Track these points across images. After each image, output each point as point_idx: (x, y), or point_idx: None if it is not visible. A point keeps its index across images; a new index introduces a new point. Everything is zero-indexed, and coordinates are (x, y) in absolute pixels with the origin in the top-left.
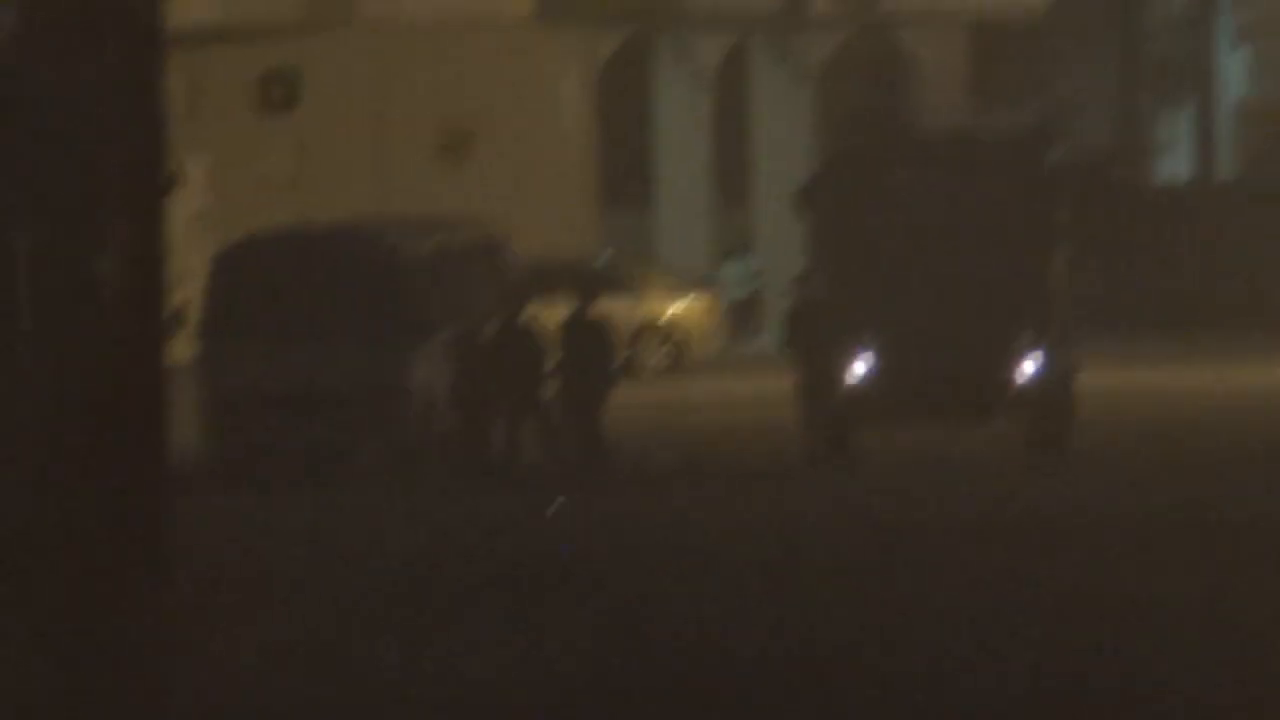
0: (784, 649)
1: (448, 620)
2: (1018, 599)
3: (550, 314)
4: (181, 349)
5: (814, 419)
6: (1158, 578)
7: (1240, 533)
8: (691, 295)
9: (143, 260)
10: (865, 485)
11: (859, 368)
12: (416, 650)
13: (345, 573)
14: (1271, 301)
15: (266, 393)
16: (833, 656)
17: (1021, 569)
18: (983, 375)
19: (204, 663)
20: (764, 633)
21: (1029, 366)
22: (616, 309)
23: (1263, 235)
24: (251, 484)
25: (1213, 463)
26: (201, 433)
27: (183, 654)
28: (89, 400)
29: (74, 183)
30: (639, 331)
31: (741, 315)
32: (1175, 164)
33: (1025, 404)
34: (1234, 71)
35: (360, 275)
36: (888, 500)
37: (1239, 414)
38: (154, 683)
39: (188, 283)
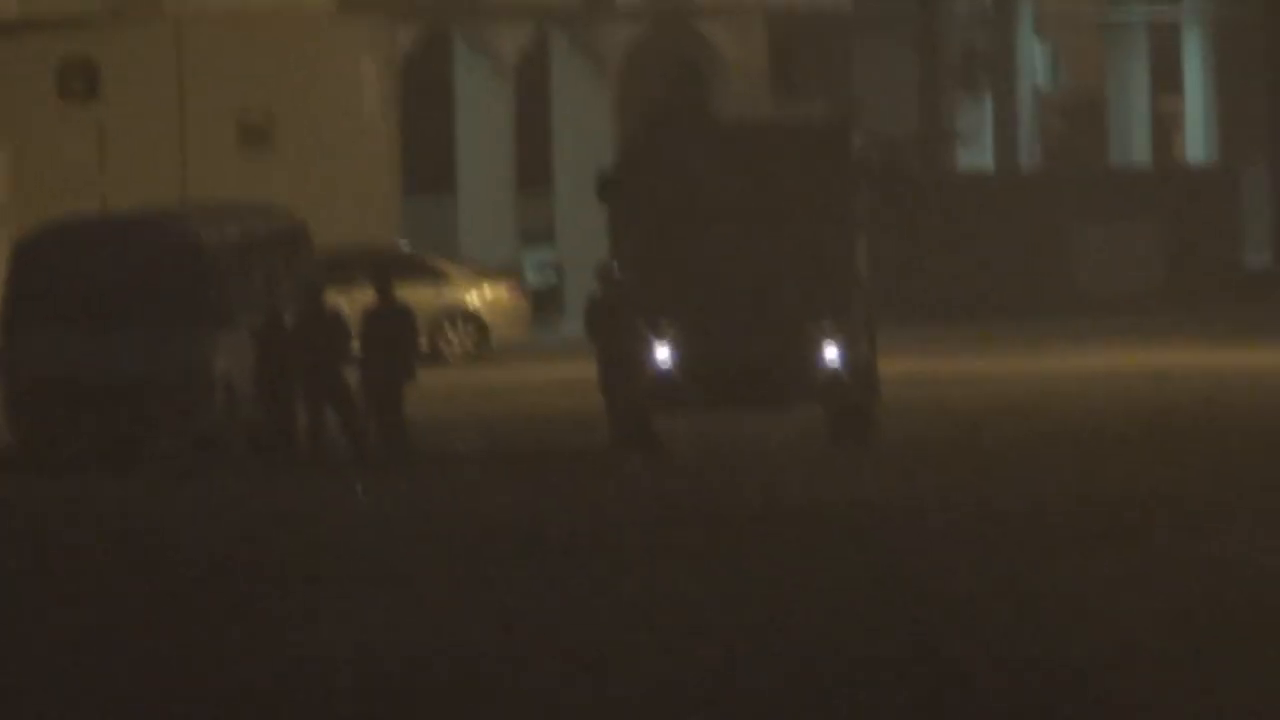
0: (572, 629)
1: (235, 612)
2: (811, 581)
3: (352, 300)
4: None
5: (617, 405)
6: (946, 561)
7: (1029, 518)
8: (494, 283)
9: None
10: (665, 471)
11: (660, 355)
12: (211, 636)
13: (129, 559)
14: (1071, 286)
15: (67, 381)
16: (614, 642)
17: (818, 552)
18: (783, 362)
19: None
20: (556, 615)
21: (829, 353)
22: (420, 296)
23: (1061, 221)
24: (50, 472)
25: (1009, 448)
26: (5, 419)
27: None
28: None
29: None
30: (442, 318)
31: (545, 303)
32: (979, 154)
33: (826, 390)
34: (1034, 63)
35: (161, 263)
36: (682, 484)
37: (1042, 399)
38: None
39: None
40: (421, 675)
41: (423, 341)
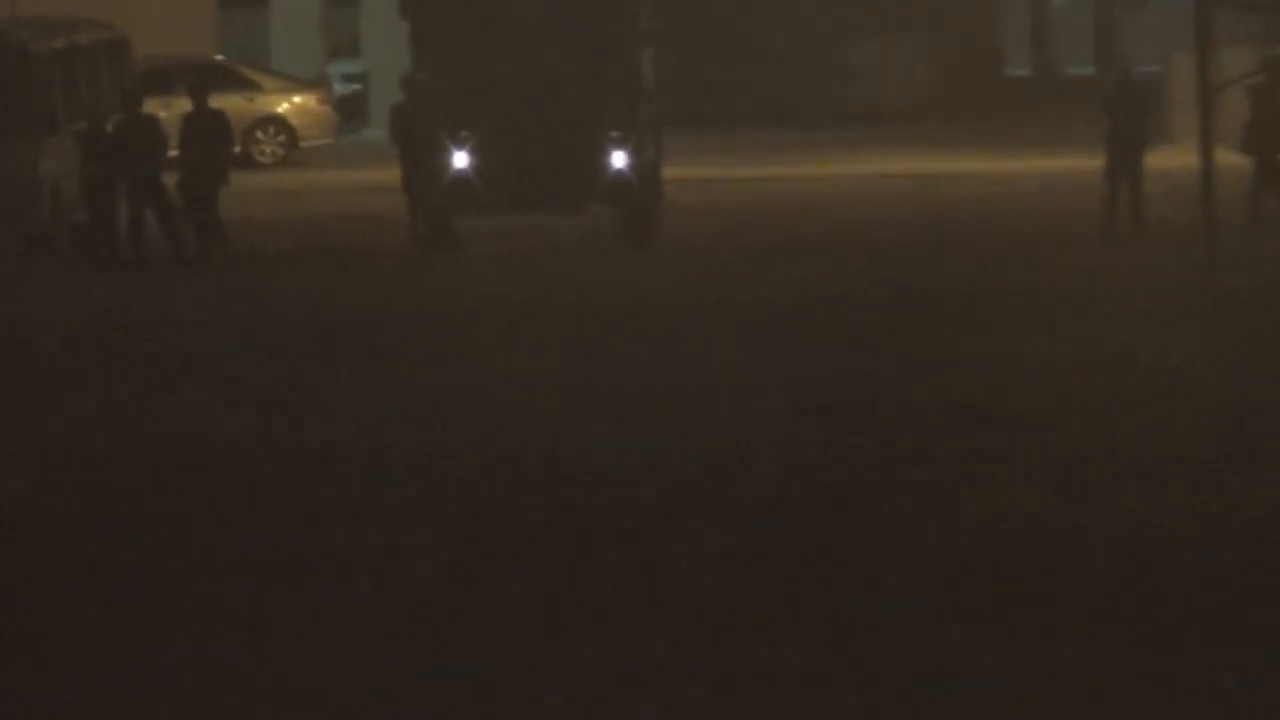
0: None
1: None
2: (592, 378)
3: (170, 109)
4: None
5: (418, 208)
6: (717, 355)
7: (796, 311)
8: (303, 92)
9: None
10: (461, 270)
11: (458, 160)
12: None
13: None
14: (848, 97)
15: None
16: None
17: (595, 349)
18: (573, 167)
19: None
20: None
21: (617, 159)
22: (233, 104)
23: (834, 35)
24: None
25: (778, 249)
26: None
27: None
28: None
29: None
30: (254, 125)
31: (349, 111)
32: None
33: (614, 193)
34: None
35: None
36: (470, 282)
37: (815, 201)
38: None
39: None
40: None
41: (236, 147)
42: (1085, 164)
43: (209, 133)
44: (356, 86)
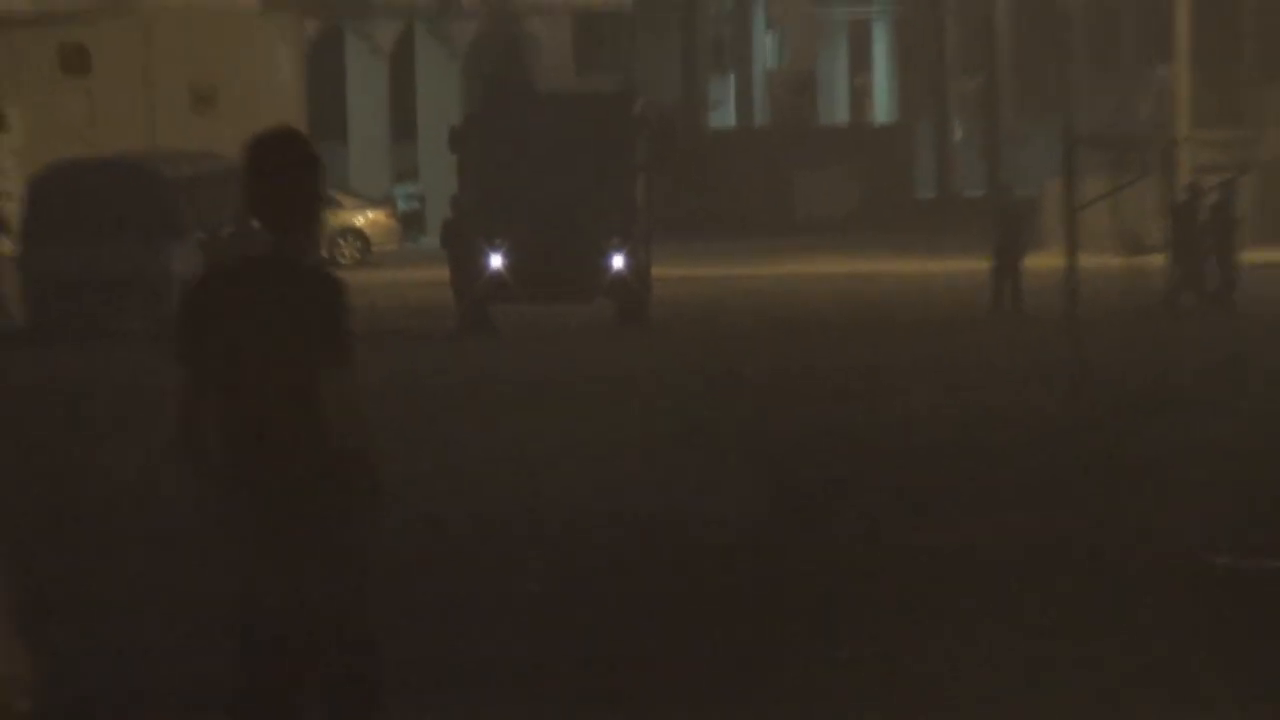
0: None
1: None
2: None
3: None
4: (6, 247)
5: (462, 299)
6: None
7: (750, 378)
8: (374, 208)
9: None
10: (496, 346)
11: (493, 261)
12: None
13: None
14: (795, 213)
15: (69, 278)
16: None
17: (603, 405)
18: (582, 268)
19: None
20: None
21: (616, 261)
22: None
23: (784, 165)
24: (52, 345)
25: (744, 331)
26: (25, 307)
27: None
28: None
29: None
30: (337, 234)
31: (410, 223)
32: (725, 116)
33: (614, 289)
34: (765, 48)
35: (137, 191)
36: (505, 356)
37: (773, 294)
38: None
39: (10, 198)
40: None
41: (322, 252)
42: (977, 266)
43: None
44: (416, 204)
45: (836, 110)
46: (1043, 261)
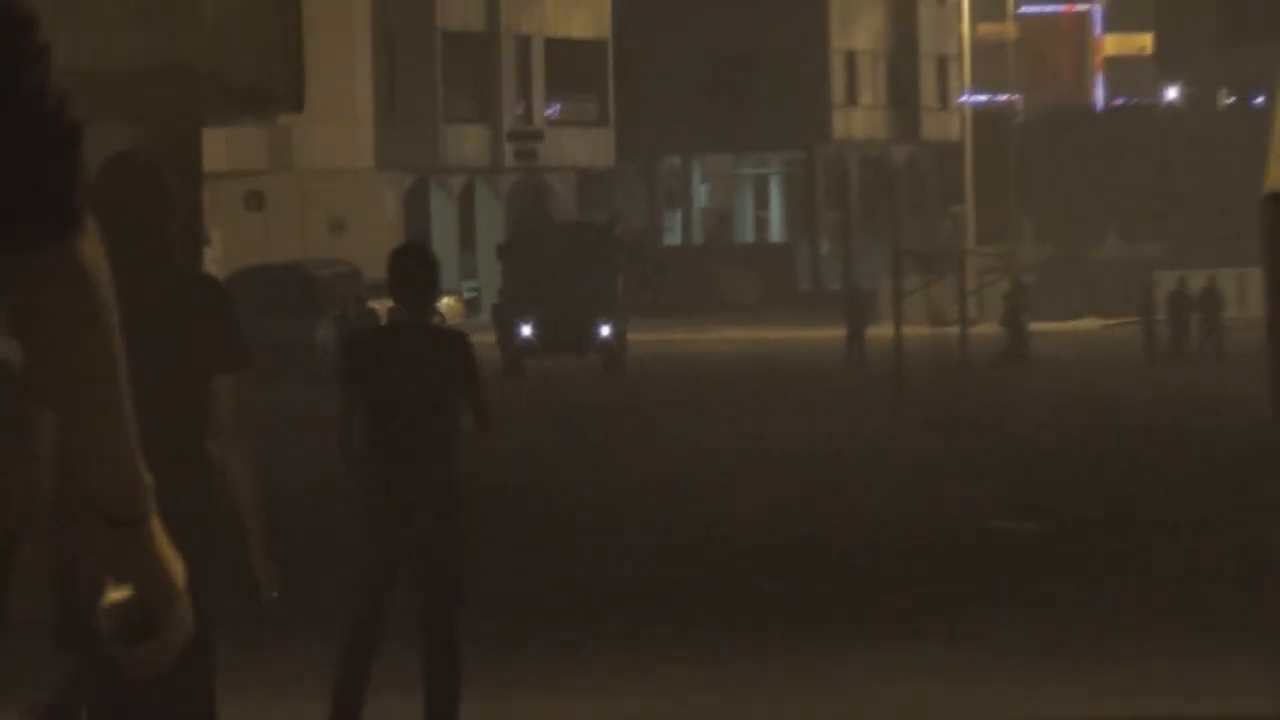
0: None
1: None
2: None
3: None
4: None
5: (505, 355)
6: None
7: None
8: (449, 296)
9: None
10: (529, 387)
11: (524, 330)
12: None
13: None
14: (720, 300)
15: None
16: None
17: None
18: (582, 335)
19: None
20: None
21: (604, 330)
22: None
23: (714, 270)
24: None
25: (690, 374)
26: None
27: None
28: None
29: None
30: None
31: (471, 306)
32: (675, 237)
33: (602, 348)
34: (700, 194)
35: (294, 285)
36: (531, 393)
37: (705, 354)
38: None
39: None
40: None
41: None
42: (836, 334)
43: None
44: (475, 294)
45: (746, 233)
46: (879, 331)
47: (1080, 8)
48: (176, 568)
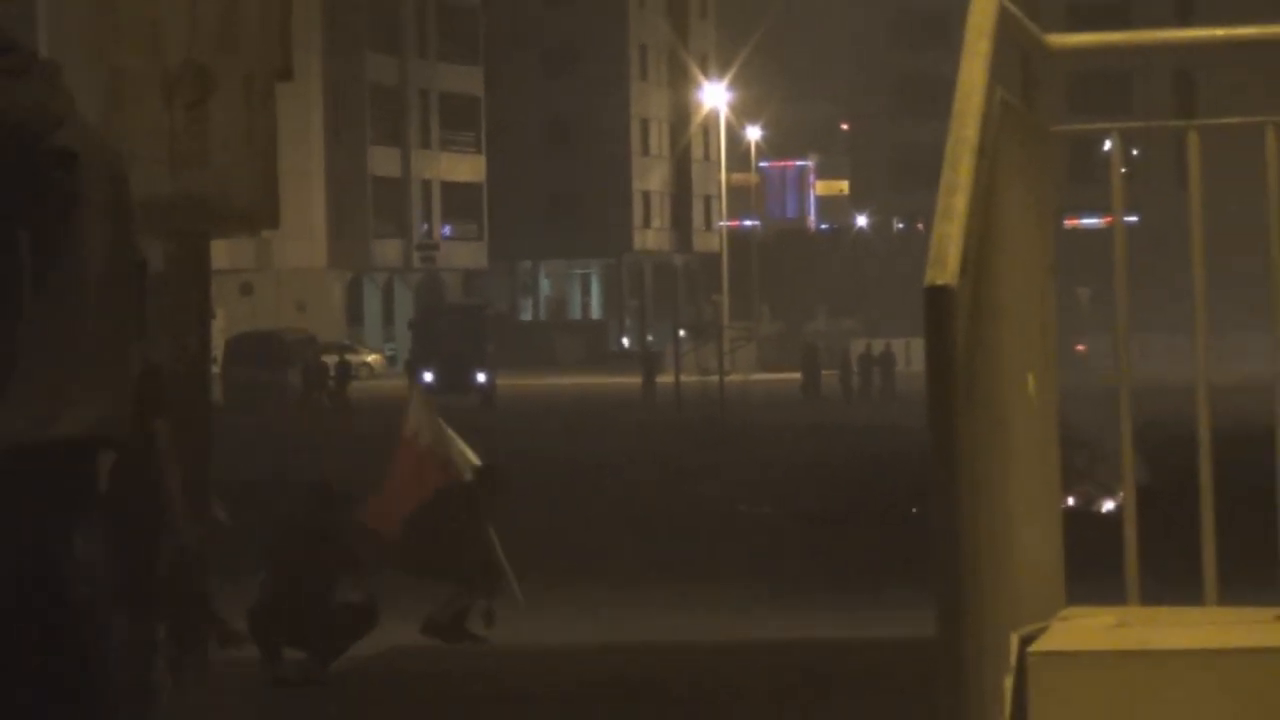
0: None
1: None
2: None
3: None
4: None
5: (411, 394)
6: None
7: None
8: (374, 354)
9: None
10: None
11: (425, 377)
12: None
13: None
14: (560, 356)
15: (248, 379)
16: None
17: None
18: (463, 380)
19: None
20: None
21: (480, 377)
22: (360, 358)
23: (553, 340)
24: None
25: (542, 408)
26: (226, 388)
27: None
28: None
29: None
30: (360, 364)
31: (391, 361)
32: (526, 314)
33: (479, 389)
34: (544, 287)
35: (272, 346)
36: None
37: (559, 391)
38: None
39: (216, 359)
40: None
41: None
42: (636, 380)
43: (334, 376)
44: (393, 352)
45: (575, 312)
46: (665, 379)
47: (800, 163)
48: None
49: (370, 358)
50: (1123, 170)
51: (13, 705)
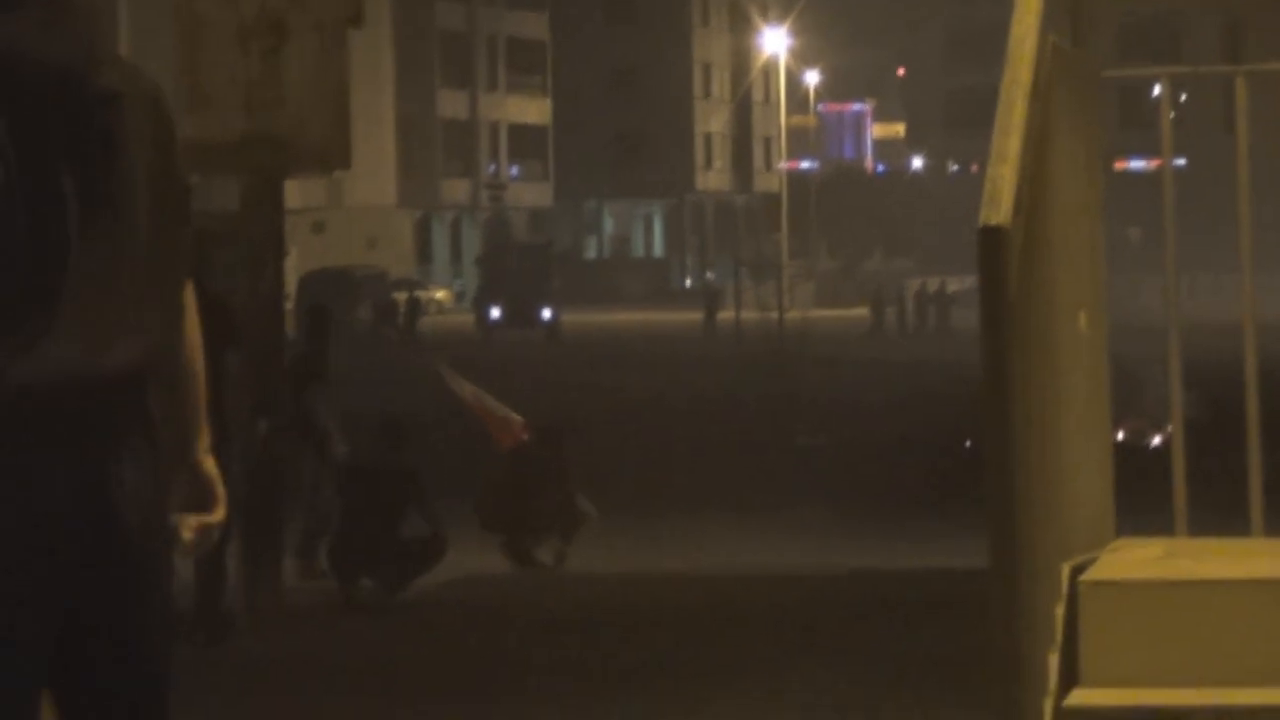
0: None
1: None
2: None
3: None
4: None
5: (480, 329)
6: None
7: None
8: (443, 289)
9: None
10: (498, 351)
11: (494, 312)
12: None
13: None
14: (622, 295)
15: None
16: None
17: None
18: (530, 314)
19: None
20: None
21: (546, 312)
22: (429, 294)
23: (614, 279)
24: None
25: (612, 338)
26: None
27: None
28: None
29: None
30: (429, 299)
31: (460, 296)
32: (593, 252)
33: (544, 324)
34: (608, 222)
35: (339, 283)
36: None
37: (616, 327)
38: None
39: (289, 296)
40: None
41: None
42: (697, 316)
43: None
44: (461, 288)
45: (638, 251)
46: (725, 315)
47: (857, 106)
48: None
49: (439, 294)
50: (1171, 115)
51: (69, 638)
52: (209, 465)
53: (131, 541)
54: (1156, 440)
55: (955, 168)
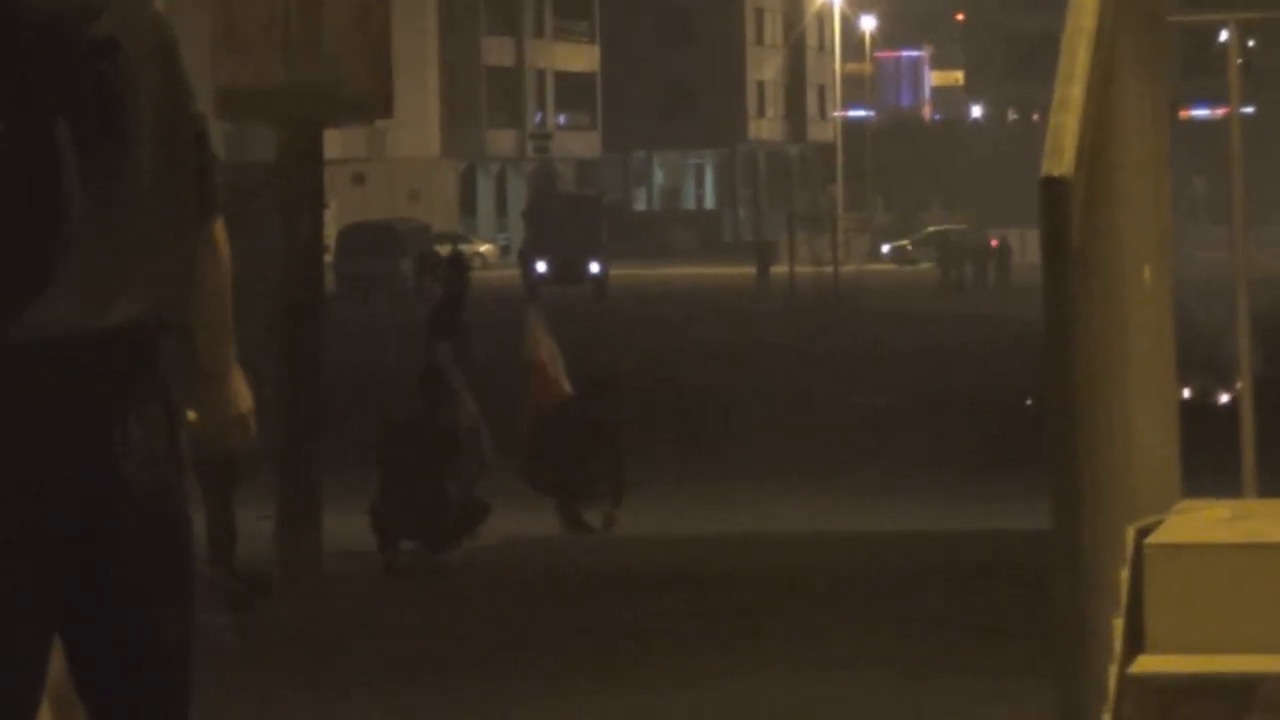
0: None
1: None
2: None
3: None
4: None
5: (525, 284)
6: None
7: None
8: (488, 244)
9: None
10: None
11: (539, 266)
12: None
13: None
14: (672, 249)
15: (364, 269)
16: None
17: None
18: (578, 268)
19: None
20: None
21: (594, 267)
22: (473, 248)
23: (667, 230)
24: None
25: (663, 296)
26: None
27: None
28: None
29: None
30: (475, 252)
31: (505, 250)
32: (641, 205)
33: (592, 279)
34: (658, 175)
35: (386, 236)
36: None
37: (665, 283)
38: None
39: (329, 247)
40: None
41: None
42: (749, 270)
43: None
44: (506, 241)
45: (688, 203)
46: (778, 269)
47: (914, 53)
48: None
49: (484, 248)
50: (1239, 61)
51: (83, 600)
52: (236, 378)
53: (141, 503)
54: (1224, 398)
55: (1015, 116)
